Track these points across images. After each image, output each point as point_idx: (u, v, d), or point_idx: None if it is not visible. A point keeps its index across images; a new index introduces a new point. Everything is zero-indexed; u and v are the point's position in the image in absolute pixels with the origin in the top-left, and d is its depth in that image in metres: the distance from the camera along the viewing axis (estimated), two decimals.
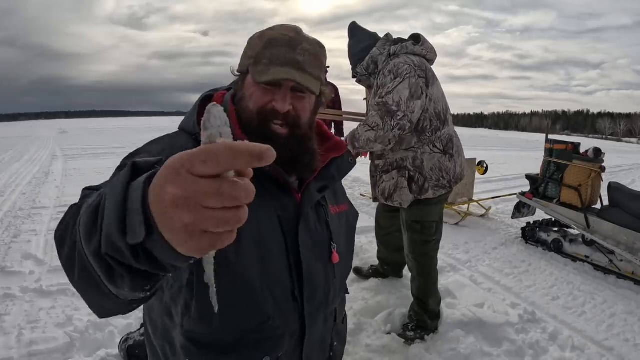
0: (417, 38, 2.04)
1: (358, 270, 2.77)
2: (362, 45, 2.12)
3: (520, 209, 3.76)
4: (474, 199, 4.57)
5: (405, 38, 2.07)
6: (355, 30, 2.21)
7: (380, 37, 2.14)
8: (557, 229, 3.48)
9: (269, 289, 0.71)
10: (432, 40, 2.08)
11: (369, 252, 3.07)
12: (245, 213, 0.29)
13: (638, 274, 2.84)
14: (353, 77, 2.23)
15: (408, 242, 2.13)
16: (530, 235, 3.61)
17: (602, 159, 3.24)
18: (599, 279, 2.93)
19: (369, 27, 2.24)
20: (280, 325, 0.74)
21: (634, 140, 60.93)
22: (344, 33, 2.26)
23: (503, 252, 3.44)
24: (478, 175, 4.80)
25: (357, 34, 2.19)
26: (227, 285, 0.65)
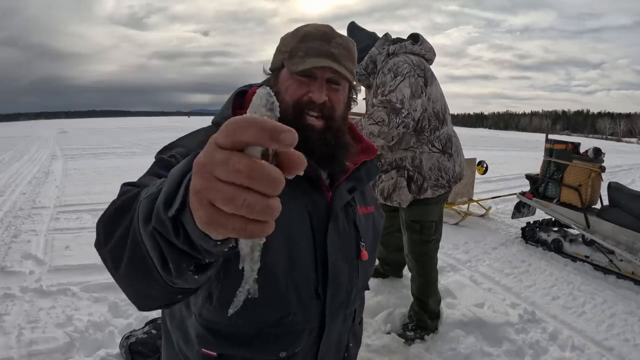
0: (416, 38, 2.04)
1: None
2: (361, 45, 2.12)
3: (520, 209, 3.77)
4: (474, 199, 4.57)
5: (404, 38, 2.07)
6: (354, 30, 2.21)
7: (379, 37, 2.15)
8: (557, 229, 3.48)
9: (294, 285, 0.72)
10: (432, 40, 2.08)
11: None
12: (263, 204, 0.27)
13: (638, 274, 2.84)
14: None
15: (407, 242, 2.13)
16: (530, 235, 3.61)
17: (602, 159, 3.25)
18: (599, 279, 2.93)
19: (369, 27, 2.24)
20: (301, 322, 0.74)
21: (634, 140, 60.94)
22: (344, 33, 2.26)
23: (503, 252, 3.44)
24: (478, 175, 4.80)
25: (356, 34, 2.19)
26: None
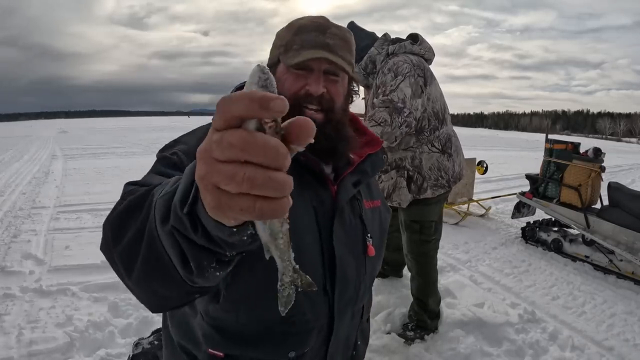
0: (415, 38, 2.04)
1: None
2: (360, 45, 2.11)
3: (520, 209, 3.77)
4: (474, 199, 4.57)
5: (404, 38, 2.07)
6: (354, 30, 2.21)
7: (379, 37, 2.14)
8: (557, 229, 3.48)
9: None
10: (432, 40, 2.08)
11: None
12: (265, 176, 0.26)
13: (638, 274, 2.84)
14: None
15: (407, 242, 2.13)
16: (530, 235, 3.61)
17: (602, 159, 3.25)
18: (599, 279, 2.93)
19: (369, 27, 2.24)
20: (310, 320, 0.72)
21: (634, 140, 60.96)
22: None
23: (503, 252, 3.44)
24: (478, 175, 4.80)
25: (355, 34, 2.18)
26: (259, 275, 0.64)
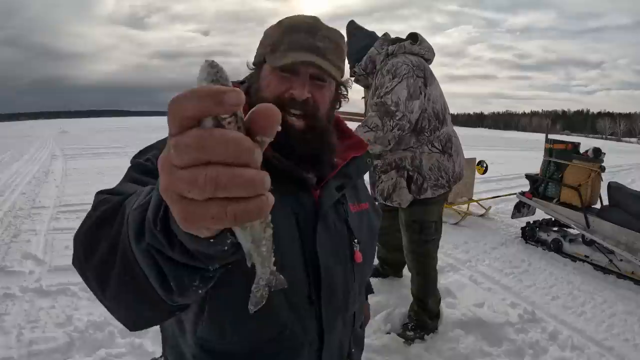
0: (415, 37, 2.04)
1: None
2: (360, 45, 2.12)
3: (520, 209, 3.77)
4: (474, 199, 4.57)
5: (403, 38, 2.07)
6: (354, 30, 2.21)
7: (379, 36, 2.15)
8: (556, 229, 3.49)
9: (284, 293, 0.65)
10: (432, 40, 2.08)
11: None
12: (229, 174, 0.24)
13: (638, 274, 2.84)
14: (351, 76, 2.23)
15: (407, 242, 2.13)
16: (530, 235, 3.61)
17: (601, 159, 3.25)
18: (599, 279, 2.94)
19: (369, 26, 2.24)
20: (299, 335, 0.69)
21: (634, 140, 60.96)
22: (344, 33, 2.26)
23: (503, 251, 3.44)
24: (478, 175, 4.80)
25: (355, 33, 2.19)
26: (239, 291, 0.60)
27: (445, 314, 2.22)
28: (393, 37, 2.12)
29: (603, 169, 3.21)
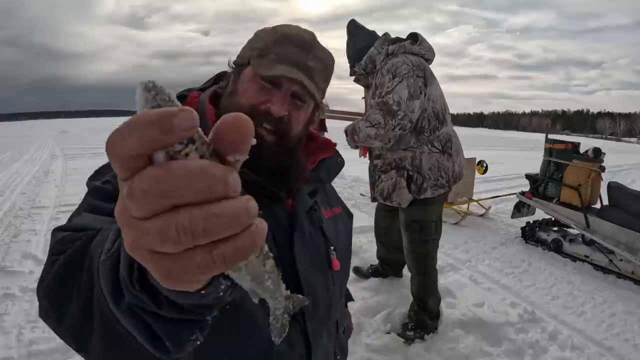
0: (415, 37, 2.04)
1: (358, 270, 2.77)
2: (360, 44, 2.12)
3: (520, 209, 3.76)
4: (474, 199, 4.57)
5: (404, 37, 2.07)
6: (354, 29, 2.21)
7: (379, 36, 2.14)
8: (556, 229, 3.48)
9: (265, 311, 0.62)
10: (432, 40, 2.08)
11: (369, 251, 3.07)
12: (204, 214, 0.20)
13: (638, 274, 2.84)
14: (351, 75, 2.23)
15: (407, 241, 2.14)
16: (530, 235, 3.61)
17: (601, 159, 3.25)
18: (599, 279, 2.93)
19: (369, 26, 2.23)
20: (286, 351, 0.67)
21: (634, 140, 60.98)
22: (344, 32, 2.26)
23: (503, 251, 3.44)
24: (478, 175, 4.80)
25: (355, 33, 2.19)
26: (221, 316, 0.58)
27: (445, 314, 2.22)
28: (393, 37, 2.12)
29: (603, 169, 3.21)
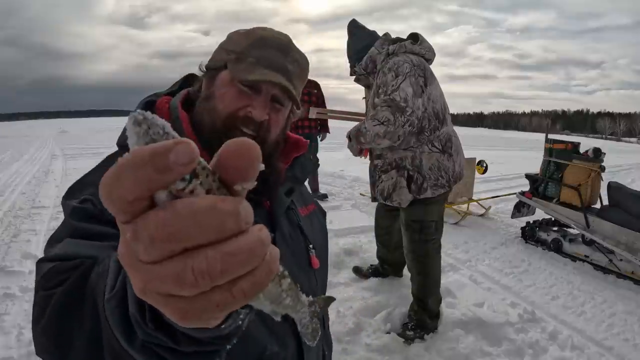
0: (415, 37, 2.04)
1: (358, 270, 2.77)
2: (361, 44, 2.12)
3: (520, 209, 3.76)
4: (474, 199, 4.57)
5: (404, 37, 2.07)
6: (355, 29, 2.21)
7: (380, 36, 2.14)
8: (556, 229, 3.48)
9: (257, 315, 0.62)
10: (432, 40, 2.08)
11: (369, 251, 3.07)
12: (220, 255, 0.19)
13: (638, 274, 2.84)
14: (351, 75, 2.23)
15: (407, 241, 2.14)
16: (530, 235, 3.61)
17: (601, 159, 3.25)
18: (599, 279, 2.93)
19: (369, 26, 2.23)
20: (279, 353, 0.67)
21: (634, 140, 61.00)
22: (344, 32, 2.26)
23: (503, 251, 3.44)
24: (478, 175, 4.80)
25: (356, 33, 2.19)
26: None
27: (445, 314, 2.22)
28: (394, 37, 2.12)
29: (603, 169, 3.21)
